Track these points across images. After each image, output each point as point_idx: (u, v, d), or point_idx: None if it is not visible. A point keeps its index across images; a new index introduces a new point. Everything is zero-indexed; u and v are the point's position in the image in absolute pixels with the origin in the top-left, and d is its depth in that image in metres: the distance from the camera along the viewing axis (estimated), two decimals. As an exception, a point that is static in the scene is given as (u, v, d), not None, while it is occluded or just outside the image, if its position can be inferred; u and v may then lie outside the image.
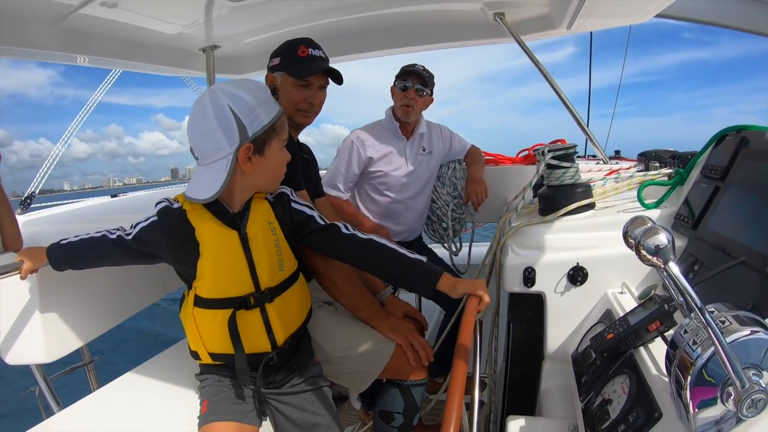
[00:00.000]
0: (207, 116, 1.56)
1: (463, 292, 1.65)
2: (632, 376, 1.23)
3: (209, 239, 1.63)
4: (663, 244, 0.95)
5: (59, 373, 2.70)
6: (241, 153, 1.55)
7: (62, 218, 3.35)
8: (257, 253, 1.66)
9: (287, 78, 2.18)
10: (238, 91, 1.58)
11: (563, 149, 2.11)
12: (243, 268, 1.65)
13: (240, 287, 1.66)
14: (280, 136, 1.65)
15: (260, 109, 1.58)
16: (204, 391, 1.82)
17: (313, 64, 2.17)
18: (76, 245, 1.87)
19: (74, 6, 2.50)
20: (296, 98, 2.19)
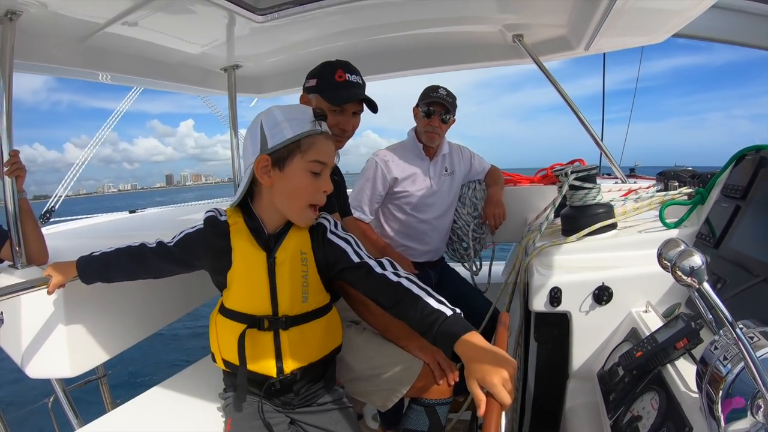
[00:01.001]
0: (249, 129, 1.66)
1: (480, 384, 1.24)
2: (661, 393, 1.25)
3: (240, 255, 1.68)
4: (698, 266, 0.98)
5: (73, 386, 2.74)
6: (256, 163, 1.59)
7: (83, 233, 3.43)
8: (281, 279, 1.66)
9: (321, 102, 2.19)
10: (275, 109, 1.64)
11: (585, 170, 2.14)
12: (263, 290, 1.67)
13: (257, 307, 1.68)
14: (304, 155, 1.60)
15: (286, 125, 1.59)
16: (228, 409, 1.86)
17: (349, 90, 2.19)
18: (112, 255, 1.91)
19: (100, 24, 2.56)
20: (329, 123, 2.17)
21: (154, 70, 3.41)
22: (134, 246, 1.89)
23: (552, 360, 1.92)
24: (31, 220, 2.22)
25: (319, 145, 1.63)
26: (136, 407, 2.05)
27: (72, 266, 1.94)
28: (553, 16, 3.05)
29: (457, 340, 1.37)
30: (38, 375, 2.23)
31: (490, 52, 3.61)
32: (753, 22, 3.80)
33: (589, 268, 1.86)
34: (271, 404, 1.83)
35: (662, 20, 2.82)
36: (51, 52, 2.74)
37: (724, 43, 4.00)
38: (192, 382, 2.23)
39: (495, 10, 2.97)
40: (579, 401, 1.84)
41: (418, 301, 1.50)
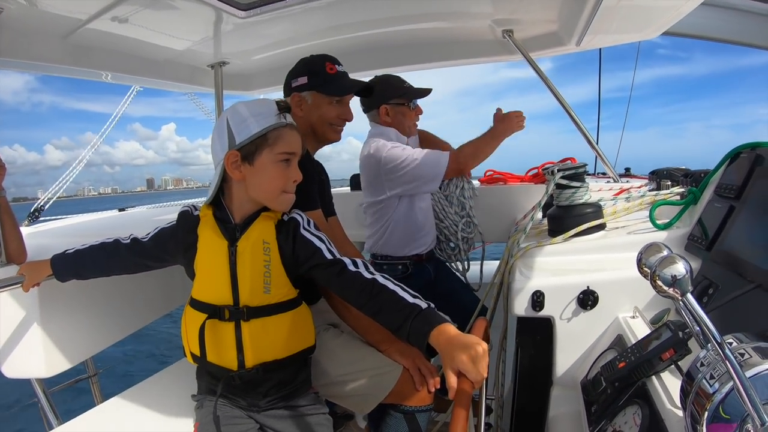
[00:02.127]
0: (215, 127, 1.73)
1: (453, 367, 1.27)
2: (644, 407, 1.18)
3: (203, 244, 1.72)
4: (681, 275, 0.90)
5: (63, 384, 2.74)
6: (226, 159, 1.64)
7: (70, 231, 3.43)
8: (242, 268, 1.67)
9: (320, 96, 2.23)
10: (240, 105, 1.68)
11: (573, 168, 2.08)
12: (224, 279, 1.67)
13: (218, 296, 1.68)
14: (272, 148, 1.66)
15: (252, 120, 1.64)
16: (198, 413, 1.85)
17: (348, 81, 2.28)
18: (86, 251, 1.94)
19: (82, 21, 2.53)
20: (331, 115, 2.26)
21: (140, 67, 3.38)
22: (108, 242, 1.92)
23: (535, 366, 1.86)
24: (10, 218, 2.21)
25: (286, 137, 1.69)
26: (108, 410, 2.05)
27: (47, 265, 1.96)
28: (543, 12, 3.00)
29: (431, 331, 1.39)
30: (15, 375, 2.24)
31: (479, 48, 3.54)
32: (745, 20, 3.78)
33: (574, 271, 1.80)
34: (237, 406, 1.80)
35: (653, 16, 2.80)
36: (34, 49, 2.71)
37: (716, 41, 3.98)
38: (166, 383, 2.25)
39: (484, 5, 2.90)
40: (562, 410, 1.77)
41: (392, 296, 1.52)
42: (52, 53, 2.80)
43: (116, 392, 2.17)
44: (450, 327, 1.39)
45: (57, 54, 2.83)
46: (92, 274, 1.97)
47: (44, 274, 1.97)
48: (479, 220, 3.22)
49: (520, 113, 2.99)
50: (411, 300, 1.50)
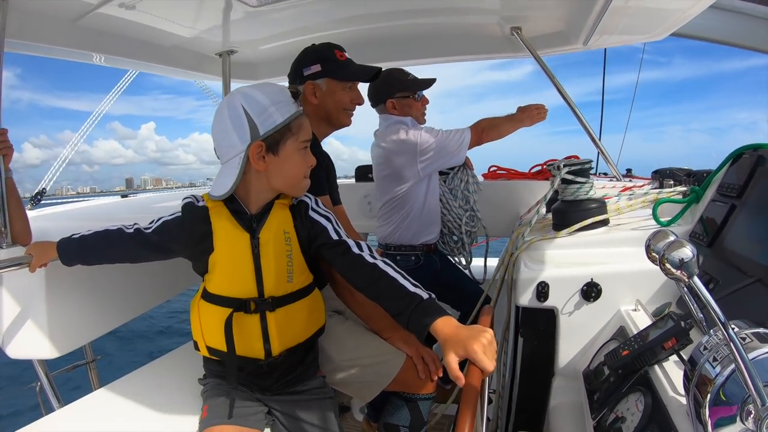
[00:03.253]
0: (223, 117, 1.62)
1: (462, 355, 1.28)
2: (647, 394, 1.21)
3: (222, 237, 1.67)
4: (688, 258, 0.94)
5: (61, 369, 2.72)
6: (251, 151, 1.58)
7: (72, 215, 3.42)
8: (266, 260, 1.66)
9: (335, 83, 2.28)
10: (253, 91, 1.62)
11: (579, 164, 2.10)
12: (248, 272, 1.66)
13: (243, 290, 1.66)
14: (296, 137, 1.64)
15: (273, 109, 1.60)
16: (206, 395, 1.83)
17: (357, 66, 2.32)
18: (90, 238, 1.90)
19: (93, 5, 2.53)
20: (345, 100, 2.31)
21: (148, 53, 3.37)
22: (112, 230, 1.87)
23: (537, 356, 1.89)
24: (15, 199, 2.20)
25: (305, 125, 1.69)
26: (112, 393, 2.03)
27: (53, 247, 1.93)
28: (552, 10, 3.02)
29: (433, 322, 1.38)
30: (19, 355, 2.22)
31: (487, 44, 3.58)
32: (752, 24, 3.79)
33: (578, 264, 1.83)
34: (249, 391, 1.81)
35: (660, 18, 2.83)
36: (43, 32, 2.71)
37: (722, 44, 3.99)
38: (170, 368, 2.24)
39: (493, 1, 2.93)
40: (564, 399, 1.80)
41: (393, 282, 1.53)
42: (61, 36, 2.80)
43: (114, 378, 2.16)
44: (452, 318, 1.40)
45: (66, 37, 2.83)
46: (96, 260, 1.95)
47: (51, 255, 1.95)
48: (482, 214, 3.24)
49: (540, 106, 3.05)
50: (412, 289, 1.50)
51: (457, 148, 2.90)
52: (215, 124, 1.67)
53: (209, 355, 1.77)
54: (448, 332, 1.34)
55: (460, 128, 2.94)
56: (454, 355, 1.28)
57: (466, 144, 2.91)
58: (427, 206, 3.03)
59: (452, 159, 2.95)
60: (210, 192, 1.70)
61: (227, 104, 1.63)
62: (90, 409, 1.93)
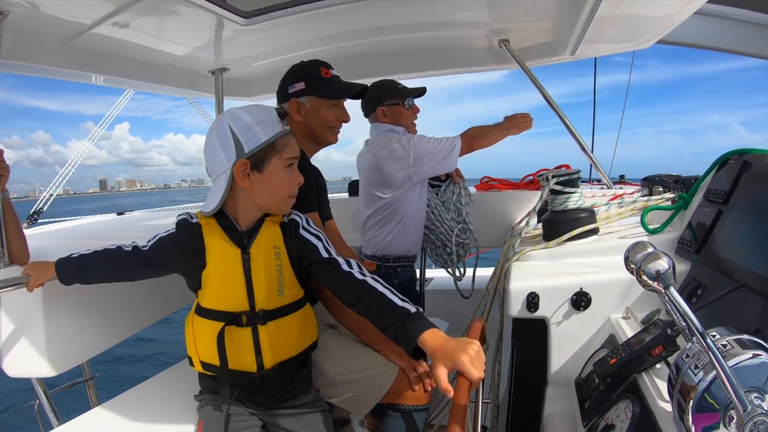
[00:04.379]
0: (212, 135, 1.69)
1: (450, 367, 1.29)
2: (635, 401, 1.22)
3: (215, 253, 1.71)
4: (663, 269, 0.95)
5: (59, 388, 2.73)
6: (236, 168, 1.63)
7: (69, 233, 3.44)
8: (256, 274, 1.70)
9: (318, 101, 2.28)
10: (240, 112, 1.68)
11: (567, 174, 2.12)
12: (240, 286, 1.70)
13: (234, 303, 1.70)
14: (280, 155, 1.69)
15: (258, 128, 1.65)
16: (201, 411, 1.87)
17: (342, 84, 2.31)
18: (88, 258, 1.93)
19: (86, 25, 2.57)
20: (330, 118, 2.31)
21: (142, 72, 3.42)
22: (111, 248, 1.91)
23: (530, 366, 1.89)
24: (13, 219, 2.22)
25: (291, 144, 1.73)
26: (109, 411, 2.06)
27: (51, 266, 1.96)
28: (539, 21, 3.06)
29: (420, 334, 1.40)
30: (17, 374, 2.24)
31: (476, 57, 3.62)
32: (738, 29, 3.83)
33: (567, 274, 1.83)
34: (244, 406, 1.83)
35: (646, 26, 2.88)
36: (38, 52, 2.75)
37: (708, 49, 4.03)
38: (167, 385, 2.27)
39: (480, 14, 2.97)
40: (557, 408, 1.80)
41: (381, 298, 1.55)
42: (55, 57, 2.84)
43: (112, 396, 2.18)
44: (439, 331, 1.42)
45: (60, 57, 2.87)
46: (95, 279, 1.97)
47: (49, 275, 1.97)
48: (475, 226, 3.26)
49: (526, 115, 3.09)
50: (399, 303, 1.53)
51: (448, 153, 2.88)
52: (206, 143, 1.72)
53: (203, 370, 1.80)
54: (436, 345, 1.36)
55: (451, 136, 2.95)
56: (443, 367, 1.29)
57: (457, 150, 2.90)
58: (419, 216, 3.04)
59: (444, 165, 2.92)
60: (202, 209, 1.74)
61: (216, 124, 1.69)
62: (88, 427, 1.95)
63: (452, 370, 1.29)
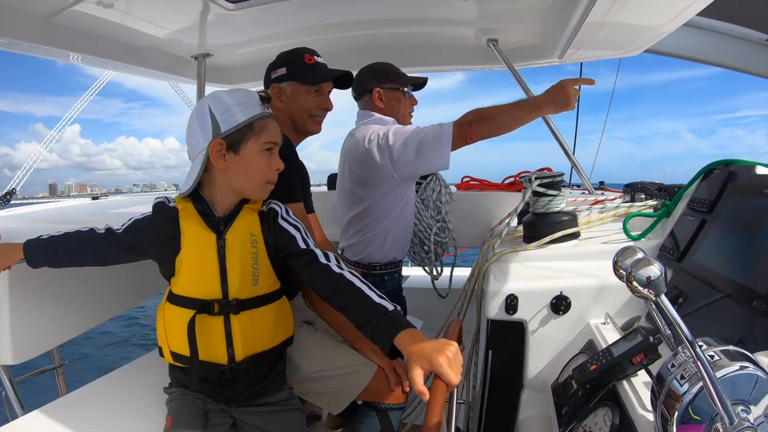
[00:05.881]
0: (192, 117, 1.69)
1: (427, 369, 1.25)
2: (615, 409, 1.20)
3: (189, 237, 1.68)
4: (655, 276, 0.93)
5: (26, 375, 2.68)
6: (211, 148, 1.61)
7: (41, 216, 3.37)
8: (231, 261, 1.67)
9: (299, 86, 2.22)
10: (221, 93, 1.66)
11: (550, 177, 2.11)
12: (213, 273, 1.66)
13: (207, 290, 1.67)
14: (258, 137, 1.65)
15: (236, 108, 1.62)
16: (170, 405, 1.81)
17: (324, 70, 2.25)
18: (59, 239, 1.87)
19: (69, 2, 2.51)
20: (310, 105, 2.24)
21: (123, 53, 3.35)
22: (83, 231, 1.86)
23: (506, 369, 1.87)
24: None
25: (270, 127, 1.69)
26: (75, 401, 2.02)
27: (19, 248, 1.89)
28: (528, 23, 3.06)
29: (397, 334, 1.37)
30: None
31: (463, 56, 3.61)
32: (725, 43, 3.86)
33: (547, 277, 1.82)
34: (214, 402, 1.79)
35: (635, 35, 2.90)
36: (17, 28, 2.68)
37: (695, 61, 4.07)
38: (137, 376, 2.22)
39: (470, 12, 2.95)
40: (532, 413, 1.79)
41: (358, 293, 1.53)
42: (35, 33, 2.77)
43: (81, 384, 2.15)
44: (416, 331, 1.39)
45: (41, 34, 2.80)
46: (64, 262, 1.92)
47: (16, 257, 1.91)
48: (454, 225, 3.25)
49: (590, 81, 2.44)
50: (377, 300, 1.50)
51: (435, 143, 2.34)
52: (187, 126, 1.70)
53: (173, 361, 1.76)
54: (413, 346, 1.32)
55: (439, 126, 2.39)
56: (419, 369, 1.26)
57: (448, 141, 2.32)
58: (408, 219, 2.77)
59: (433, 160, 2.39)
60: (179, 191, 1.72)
61: (198, 106, 1.68)
62: (53, 416, 1.90)
63: (429, 372, 1.26)
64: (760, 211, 1.45)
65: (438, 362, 1.23)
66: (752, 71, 3.98)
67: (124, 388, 2.12)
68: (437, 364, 1.23)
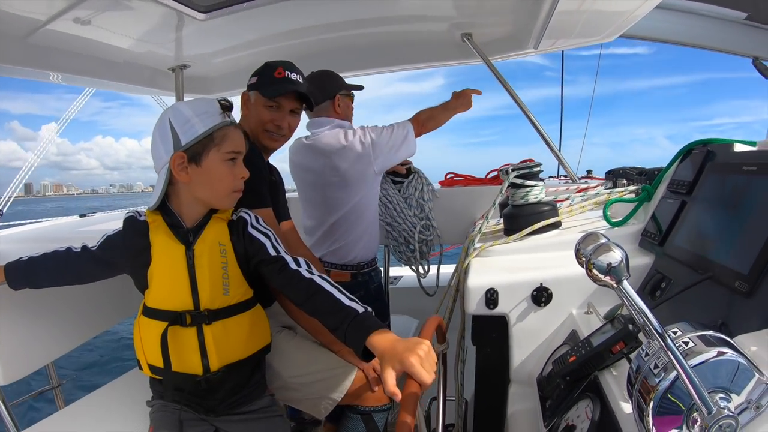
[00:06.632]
0: (155, 130, 1.67)
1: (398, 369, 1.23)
2: (596, 401, 1.17)
3: (159, 250, 1.68)
4: (616, 262, 0.88)
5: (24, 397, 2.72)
6: (172, 162, 1.60)
7: (27, 236, 3.34)
8: (200, 271, 1.66)
9: (259, 97, 2.20)
10: (181, 105, 1.65)
11: (527, 168, 2.08)
12: (183, 284, 1.65)
13: (178, 302, 1.66)
14: (219, 147, 1.64)
15: (197, 120, 1.60)
16: (152, 417, 1.82)
17: (285, 85, 2.18)
18: (38, 260, 1.86)
19: (42, 21, 2.49)
20: (264, 118, 2.21)
21: (101, 70, 3.34)
22: (60, 250, 1.86)
23: (492, 364, 1.85)
24: None
25: (232, 136, 1.67)
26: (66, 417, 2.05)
27: (0, 270, 1.88)
28: (500, 15, 3.05)
29: (369, 335, 1.36)
30: None
31: (438, 52, 3.59)
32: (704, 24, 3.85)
33: (527, 269, 1.79)
34: (194, 411, 1.78)
35: (608, 21, 2.89)
36: (-6, 50, 2.66)
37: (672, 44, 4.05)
38: (122, 391, 2.23)
39: (443, 8, 2.95)
40: (520, 407, 1.76)
41: (329, 297, 1.51)
42: (10, 55, 2.76)
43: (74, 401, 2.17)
44: (388, 332, 1.37)
45: (16, 55, 2.79)
46: (44, 282, 1.91)
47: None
48: (439, 222, 3.23)
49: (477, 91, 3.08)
50: (347, 303, 1.49)
51: (404, 138, 2.75)
52: (151, 138, 1.69)
53: (150, 374, 1.76)
54: (385, 346, 1.31)
55: (399, 122, 2.83)
56: (391, 369, 1.23)
57: (412, 134, 2.80)
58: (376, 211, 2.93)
59: (404, 150, 2.78)
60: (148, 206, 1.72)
61: (160, 118, 1.66)
62: None
63: (401, 373, 1.23)
64: (739, 189, 1.42)
65: (409, 362, 1.20)
66: (732, 51, 3.96)
67: (110, 404, 2.13)
68: (408, 363, 1.20)
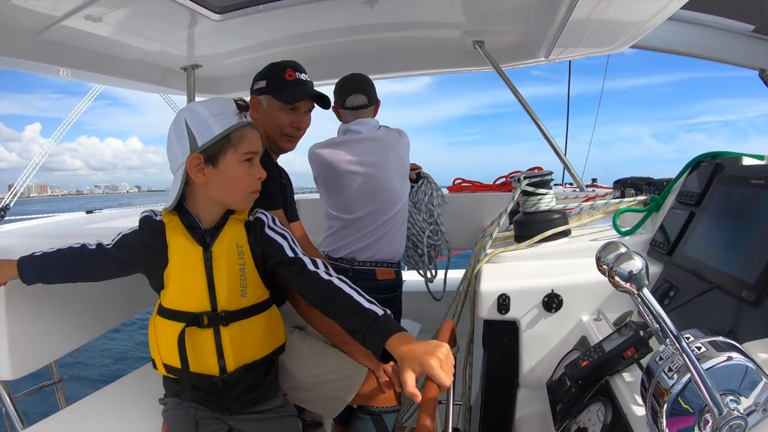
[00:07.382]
0: (170, 131, 1.66)
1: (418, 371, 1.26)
2: (608, 404, 1.20)
3: (176, 251, 1.67)
4: (637, 270, 0.93)
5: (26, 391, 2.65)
6: (189, 163, 1.59)
7: (36, 232, 3.35)
8: (218, 273, 1.66)
9: (274, 102, 2.19)
10: (197, 105, 1.64)
11: (539, 176, 2.11)
12: (201, 286, 1.65)
13: (196, 303, 1.66)
14: (236, 148, 1.63)
15: (213, 121, 1.59)
16: (165, 415, 1.82)
17: (302, 88, 2.20)
18: (52, 256, 1.86)
19: (56, 17, 2.51)
20: (283, 122, 2.21)
21: (112, 67, 3.36)
22: (75, 247, 1.86)
23: (501, 368, 1.87)
24: None
25: (249, 137, 1.67)
26: (74, 414, 2.04)
27: (13, 265, 1.89)
28: (513, 24, 3.06)
29: (388, 338, 1.37)
30: None
31: (450, 58, 3.62)
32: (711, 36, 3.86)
33: (538, 275, 1.81)
34: (208, 410, 1.79)
35: (620, 31, 2.89)
36: (6, 45, 2.69)
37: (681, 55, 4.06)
38: (133, 388, 2.24)
39: (455, 15, 2.96)
40: (529, 411, 1.79)
41: (348, 299, 1.52)
42: (23, 49, 2.78)
43: (80, 397, 2.16)
44: (407, 334, 1.39)
45: (29, 50, 2.81)
46: (58, 279, 1.91)
47: (11, 273, 1.90)
48: (447, 227, 3.24)
49: None
50: (367, 305, 1.50)
51: None
52: (167, 139, 1.68)
53: (166, 373, 1.76)
54: (404, 349, 1.32)
55: None
56: (411, 371, 1.26)
57: None
58: None
59: None
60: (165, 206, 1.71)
61: (175, 119, 1.65)
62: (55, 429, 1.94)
63: (420, 375, 1.26)
64: (747, 201, 1.45)
65: (429, 364, 1.23)
66: (739, 63, 3.99)
67: (121, 400, 2.13)
68: (428, 366, 1.23)
